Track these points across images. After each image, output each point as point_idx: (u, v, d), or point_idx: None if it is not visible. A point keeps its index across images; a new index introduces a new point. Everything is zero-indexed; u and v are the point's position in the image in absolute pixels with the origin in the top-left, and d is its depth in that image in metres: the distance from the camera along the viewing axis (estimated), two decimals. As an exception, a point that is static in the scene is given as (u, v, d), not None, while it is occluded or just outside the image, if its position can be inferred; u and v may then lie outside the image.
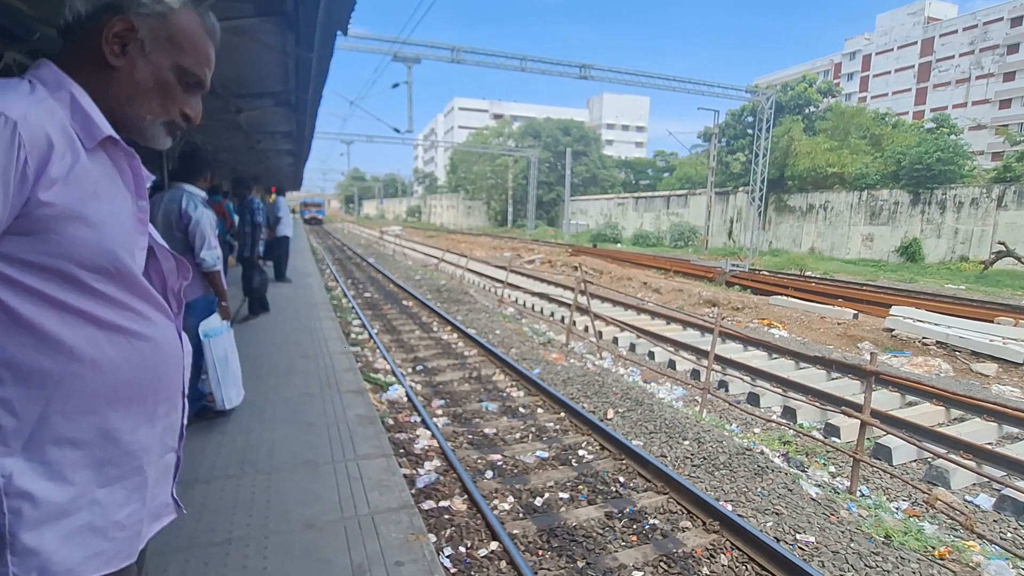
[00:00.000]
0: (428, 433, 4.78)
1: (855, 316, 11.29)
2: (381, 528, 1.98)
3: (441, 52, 17.23)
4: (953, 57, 54.72)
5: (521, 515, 3.72)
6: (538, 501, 3.90)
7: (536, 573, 3.01)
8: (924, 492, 4.29)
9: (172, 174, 3.54)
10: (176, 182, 3.42)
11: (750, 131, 30.81)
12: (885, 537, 3.58)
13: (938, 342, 9.18)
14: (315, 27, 6.04)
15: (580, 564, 3.18)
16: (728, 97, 24.80)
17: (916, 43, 58.12)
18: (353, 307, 10.45)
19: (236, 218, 7.38)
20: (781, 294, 13.95)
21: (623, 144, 76.10)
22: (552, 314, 11.13)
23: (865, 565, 3.21)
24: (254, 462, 2.43)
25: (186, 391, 1.01)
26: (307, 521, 2.00)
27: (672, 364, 7.71)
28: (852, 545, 3.41)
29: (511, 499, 3.93)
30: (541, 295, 12.68)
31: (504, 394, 6.08)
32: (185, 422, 1.03)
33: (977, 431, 5.39)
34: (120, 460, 0.87)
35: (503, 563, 3.09)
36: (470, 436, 4.94)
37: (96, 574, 0.85)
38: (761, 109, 24.90)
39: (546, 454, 4.64)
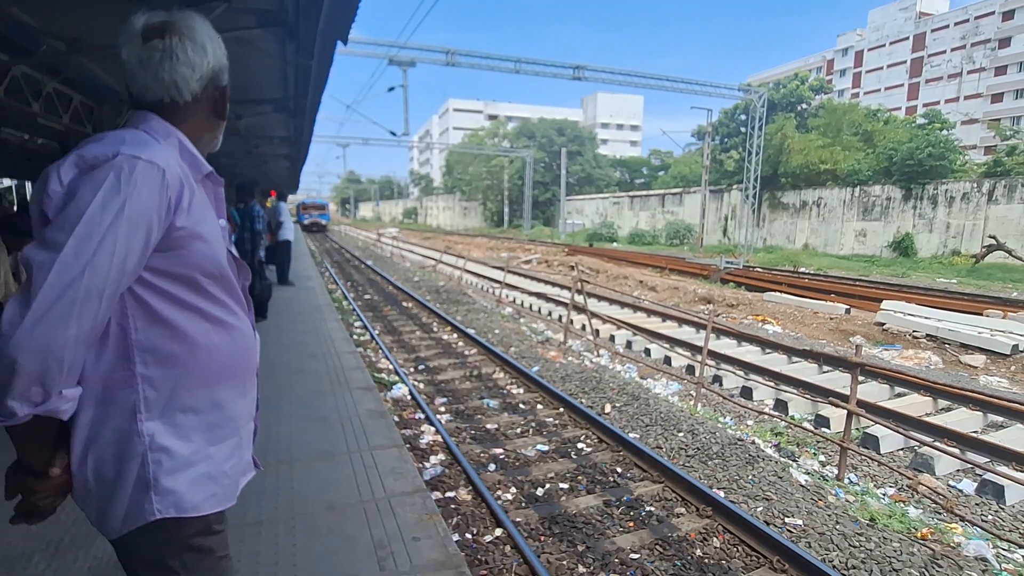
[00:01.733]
0: (432, 429, 4.96)
1: (847, 311, 11.51)
2: (397, 509, 2.15)
3: (436, 55, 17.41)
4: (945, 52, 55.14)
5: (523, 504, 3.90)
6: (539, 491, 4.08)
7: (539, 556, 3.19)
8: (909, 478, 4.48)
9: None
10: None
11: (743, 129, 31.05)
12: (870, 520, 3.77)
13: (928, 335, 9.39)
14: (315, 37, 6.22)
15: (580, 548, 3.36)
16: (721, 96, 25.03)
17: (908, 38, 58.53)
18: (354, 309, 10.61)
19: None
20: (775, 290, 14.16)
21: (618, 143, 76.37)
22: (550, 313, 11.31)
23: (849, 544, 3.40)
24: (275, 453, 2.60)
25: (258, 371, 1.27)
26: (329, 504, 2.17)
27: (668, 360, 7.90)
28: (838, 527, 3.59)
29: (513, 490, 4.11)
30: (538, 295, 12.86)
31: (504, 391, 6.26)
32: (258, 397, 1.28)
33: (963, 420, 5.59)
34: (225, 424, 1.13)
35: (507, 548, 3.27)
36: (473, 431, 5.12)
37: (212, 510, 1.11)
38: (754, 107, 25.14)
39: (546, 447, 4.82)
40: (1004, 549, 3.58)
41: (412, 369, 7.01)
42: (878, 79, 61.38)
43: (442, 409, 5.65)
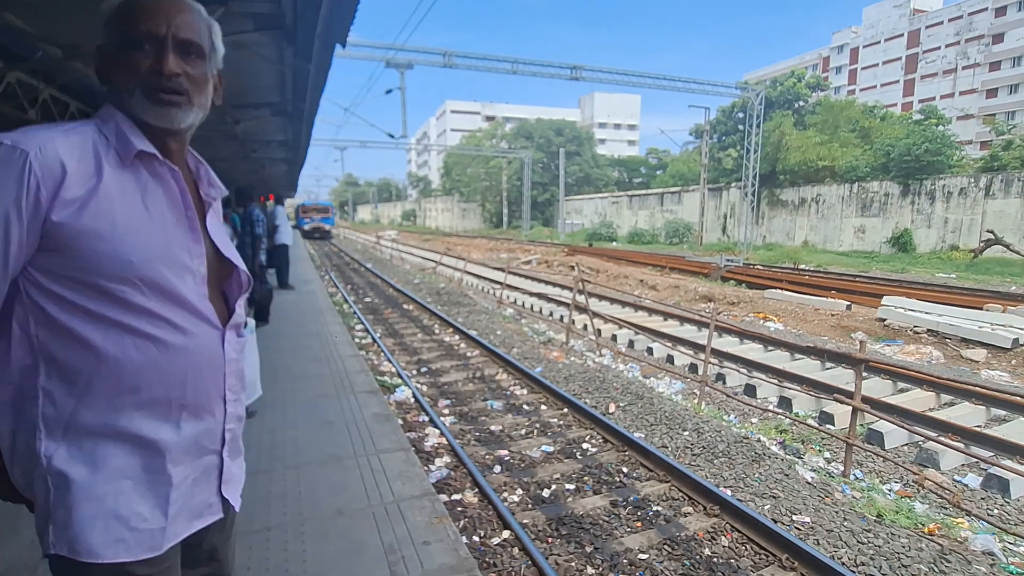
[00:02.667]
0: (437, 431, 4.94)
1: (848, 307, 11.52)
2: (406, 513, 2.14)
3: (433, 57, 17.41)
4: (940, 48, 55.25)
5: (530, 506, 3.89)
6: (545, 492, 4.08)
7: (548, 558, 3.18)
8: (915, 473, 4.48)
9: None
10: None
11: (741, 127, 31.08)
12: (877, 516, 3.77)
13: (929, 330, 9.40)
14: (313, 40, 6.23)
15: (588, 549, 3.35)
16: (718, 94, 25.06)
17: (903, 35, 58.65)
18: (355, 312, 10.60)
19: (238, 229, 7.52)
20: (776, 287, 14.17)
21: (615, 143, 76.42)
22: (551, 313, 11.31)
23: (858, 541, 3.39)
24: (282, 458, 2.59)
25: (228, 396, 1.06)
26: (338, 509, 2.16)
27: (670, 359, 7.89)
28: (846, 524, 3.59)
29: (520, 491, 4.10)
30: (539, 295, 12.85)
31: (508, 392, 6.25)
32: (231, 426, 1.08)
33: (966, 414, 5.59)
34: (143, 456, 0.95)
35: (515, 550, 3.26)
36: (477, 433, 5.11)
37: (116, 559, 0.92)
38: (751, 105, 25.17)
39: (551, 448, 4.81)
40: (1011, 543, 3.58)
41: (415, 372, 7.00)
42: (874, 76, 61.50)
43: (446, 411, 5.64)
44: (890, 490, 4.36)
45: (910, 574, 3.08)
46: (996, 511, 4.06)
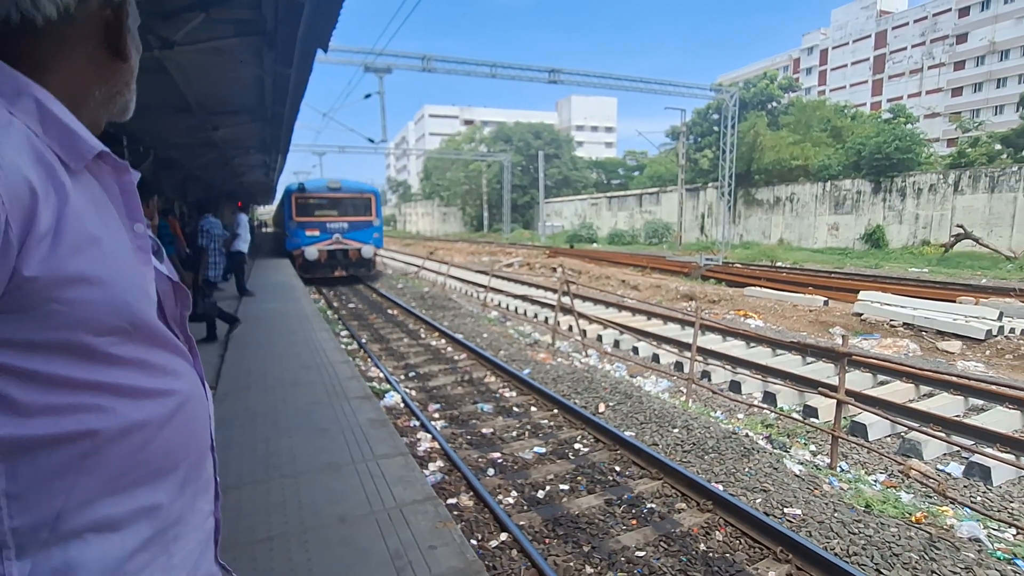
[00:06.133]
0: (429, 436, 4.92)
1: (826, 303, 11.75)
2: (410, 518, 2.12)
3: (412, 61, 17.36)
4: (906, 48, 56.82)
5: (525, 507, 3.89)
6: (540, 494, 4.08)
7: (546, 559, 3.18)
8: (899, 463, 4.59)
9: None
10: None
11: (716, 128, 31.56)
12: (865, 507, 3.85)
13: (905, 323, 9.64)
14: (294, 45, 6.16)
15: (586, 548, 3.37)
16: (693, 96, 25.41)
17: (870, 36, 60.20)
18: (339, 318, 10.50)
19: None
20: (755, 285, 14.39)
21: (593, 145, 76.98)
22: (536, 315, 11.33)
23: (849, 532, 3.46)
24: (278, 467, 2.55)
25: (213, 443, 0.87)
26: (340, 517, 2.13)
27: (656, 358, 7.96)
28: (836, 515, 3.66)
29: (514, 493, 4.10)
30: (523, 297, 12.87)
31: (497, 395, 6.24)
32: (218, 478, 0.88)
33: (945, 405, 5.74)
34: (148, 539, 0.72)
35: (514, 552, 3.25)
36: (469, 437, 5.09)
37: None
38: (726, 107, 25.58)
39: (544, 449, 4.82)
40: (995, 529, 3.69)
41: (403, 376, 6.95)
42: (843, 76, 62.97)
43: (436, 416, 5.61)
44: (876, 481, 4.46)
45: (902, 563, 3.15)
46: (979, 498, 4.18)
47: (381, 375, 6.79)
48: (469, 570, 1.81)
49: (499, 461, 4.61)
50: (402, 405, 5.72)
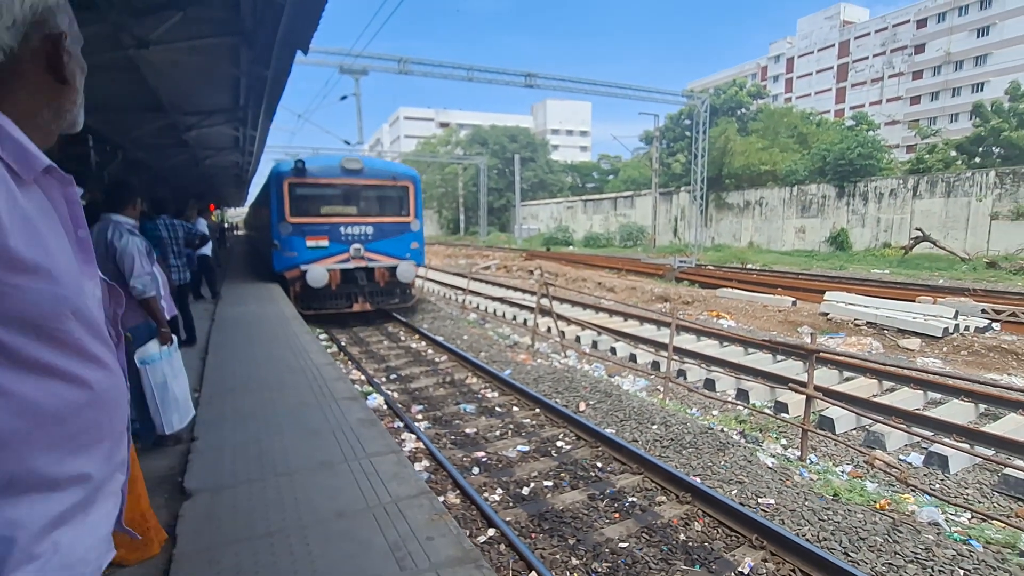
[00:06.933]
0: (413, 437, 4.97)
1: (794, 303, 12.14)
2: (406, 512, 2.19)
3: (389, 64, 17.32)
4: (868, 58, 58.83)
5: (511, 504, 3.98)
6: (525, 491, 4.18)
7: (534, 552, 3.28)
8: (864, 454, 4.82)
9: (101, 206, 3.40)
10: (104, 214, 3.32)
11: (688, 133, 32.22)
12: (834, 495, 4.05)
13: (868, 322, 10.03)
14: (272, 46, 6.15)
15: (571, 541, 3.47)
16: (666, 102, 25.89)
17: (834, 45, 62.15)
18: (318, 322, 10.42)
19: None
20: (726, 287, 14.77)
21: (568, 149, 77.61)
22: (515, 317, 11.43)
23: (819, 519, 3.65)
24: (272, 466, 2.58)
25: (128, 426, 0.97)
26: (337, 512, 2.18)
27: (633, 357, 8.14)
28: (806, 504, 3.85)
29: (500, 491, 4.18)
30: (501, 299, 12.97)
31: (479, 395, 6.32)
32: (127, 457, 0.97)
33: (906, 398, 6.03)
34: (79, 498, 0.84)
35: (502, 546, 3.34)
36: (453, 437, 5.16)
37: None
38: (697, 112, 26.14)
39: (527, 448, 4.91)
40: (952, 513, 3.92)
41: (384, 379, 6.97)
42: (808, 84, 64.83)
43: (419, 417, 5.66)
44: (843, 471, 4.68)
45: (867, 546, 3.34)
46: (938, 485, 4.42)
47: (363, 377, 6.80)
48: (467, 558, 1.89)
49: (483, 460, 4.69)
50: (385, 407, 5.75)
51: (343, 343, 8.71)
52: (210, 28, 5.88)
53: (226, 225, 33.51)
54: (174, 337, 3.16)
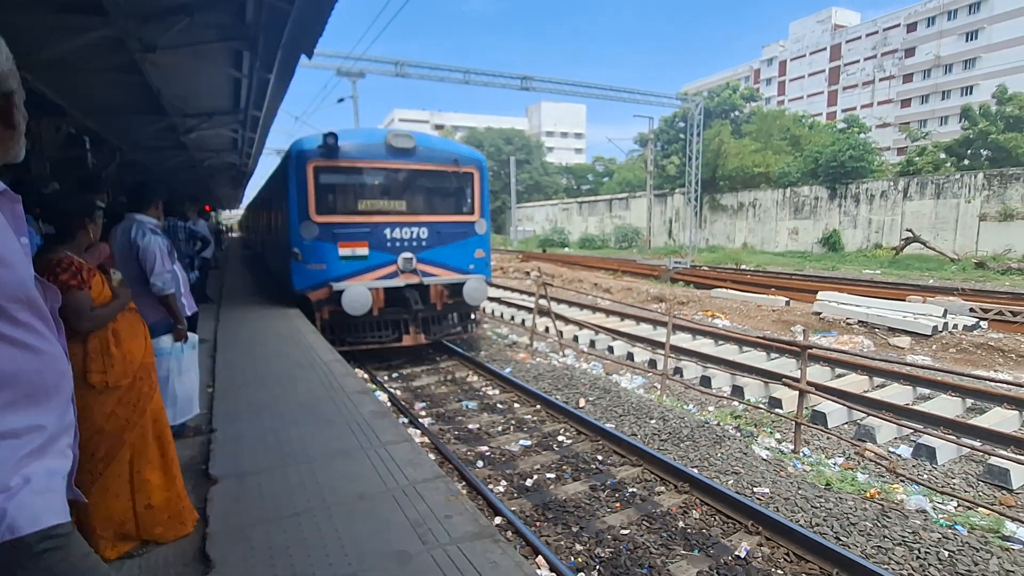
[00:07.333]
0: (418, 432, 5.10)
1: (787, 303, 12.34)
2: (424, 494, 2.32)
3: (385, 66, 17.46)
4: (859, 61, 59.45)
5: (515, 495, 4.11)
6: (528, 482, 4.31)
7: (539, 538, 3.41)
8: (856, 447, 4.98)
9: (125, 206, 3.49)
10: (129, 214, 3.42)
11: (682, 136, 32.49)
12: (826, 485, 4.21)
13: (860, 321, 10.24)
14: (277, 50, 6.27)
15: (575, 529, 3.61)
16: (660, 104, 26.16)
17: (826, 49, 62.77)
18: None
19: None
20: (721, 287, 14.96)
21: (563, 151, 77.89)
22: (512, 318, 11.56)
23: (811, 506, 3.80)
24: (292, 455, 2.70)
25: (73, 399, 1.20)
26: (359, 494, 2.31)
27: (630, 356, 8.29)
28: (800, 493, 4.00)
29: (504, 483, 4.32)
30: (499, 300, 13.10)
31: (480, 393, 6.45)
32: (74, 422, 1.20)
33: (896, 394, 6.21)
34: (40, 449, 1.08)
35: (509, 533, 3.47)
36: (456, 432, 5.29)
37: (51, 523, 1.04)
38: (691, 115, 26.41)
39: (529, 442, 5.05)
40: (939, 502, 4.08)
41: (386, 377, 7.09)
42: (800, 87, 65.42)
43: (423, 413, 5.78)
44: (835, 463, 4.83)
45: (858, 531, 3.49)
46: (926, 475, 4.59)
47: (365, 376, 6.92)
48: (484, 534, 2.03)
49: (487, 454, 4.82)
50: (389, 404, 5.87)
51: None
52: (215, 33, 5.98)
53: (222, 228, 33.48)
54: (193, 336, 3.27)
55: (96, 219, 2.07)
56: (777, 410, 5.98)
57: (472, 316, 8.26)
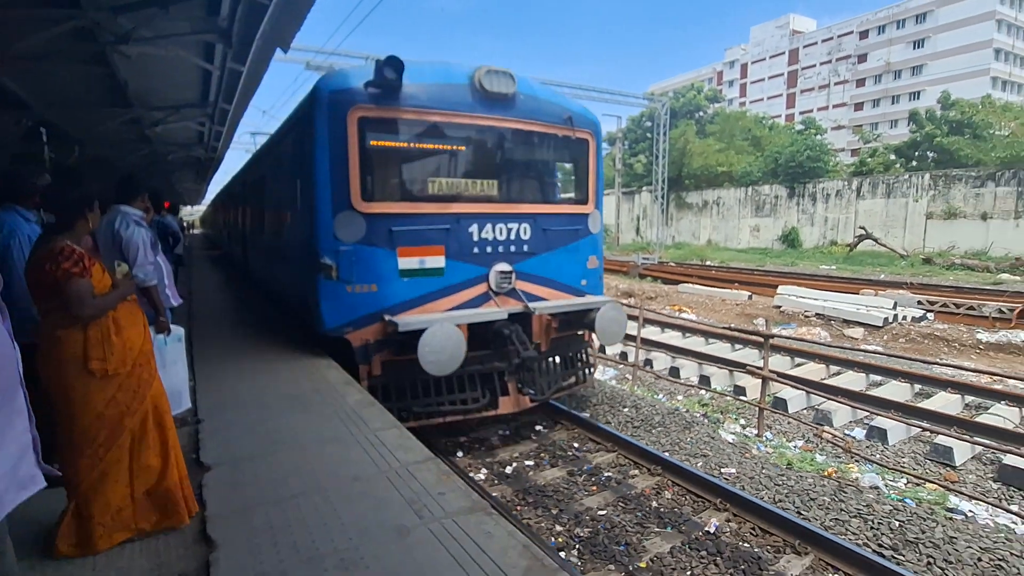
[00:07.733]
0: (397, 423, 5.16)
1: (750, 297, 12.83)
2: (416, 474, 2.42)
3: (356, 61, 17.22)
4: (815, 66, 61.55)
5: (496, 482, 4.24)
6: (508, 470, 4.45)
7: (520, 520, 3.55)
8: (814, 430, 5.29)
9: (112, 198, 3.49)
10: (114, 205, 3.42)
11: (649, 135, 33.10)
12: (787, 465, 4.47)
13: (817, 314, 10.74)
14: (251, 43, 6.21)
15: (554, 511, 3.76)
16: (628, 104, 26.56)
17: (784, 53, 64.76)
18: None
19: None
20: (687, 282, 15.41)
21: (531, 148, 78.17)
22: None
23: (775, 485, 4.05)
24: (283, 442, 2.75)
25: (22, 381, 1.29)
26: (353, 476, 2.39)
27: (602, 348, 8.50)
28: (763, 472, 4.25)
29: (484, 471, 4.44)
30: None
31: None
32: (29, 407, 1.29)
33: (851, 381, 6.59)
34: None
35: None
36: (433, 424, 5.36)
37: None
38: (658, 115, 26.95)
39: (507, 432, 5.18)
40: (890, 479, 4.39)
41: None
42: (761, 89, 67.33)
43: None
44: (796, 445, 5.12)
45: (817, 505, 3.75)
46: (878, 455, 4.91)
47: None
48: (476, 507, 2.14)
49: (466, 444, 4.93)
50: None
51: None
52: (188, 25, 5.89)
53: (183, 224, 32.43)
54: (178, 329, 3.28)
55: (95, 209, 2.10)
56: (742, 397, 6.27)
57: (587, 357, 5.63)
